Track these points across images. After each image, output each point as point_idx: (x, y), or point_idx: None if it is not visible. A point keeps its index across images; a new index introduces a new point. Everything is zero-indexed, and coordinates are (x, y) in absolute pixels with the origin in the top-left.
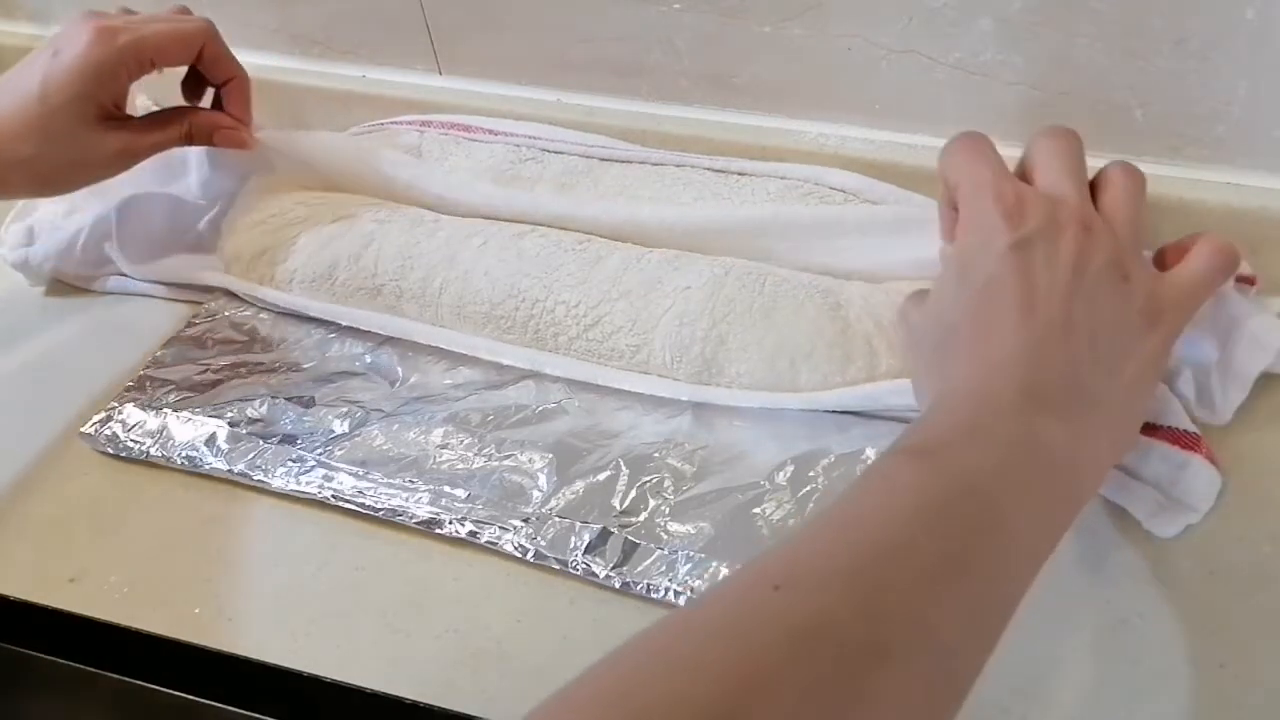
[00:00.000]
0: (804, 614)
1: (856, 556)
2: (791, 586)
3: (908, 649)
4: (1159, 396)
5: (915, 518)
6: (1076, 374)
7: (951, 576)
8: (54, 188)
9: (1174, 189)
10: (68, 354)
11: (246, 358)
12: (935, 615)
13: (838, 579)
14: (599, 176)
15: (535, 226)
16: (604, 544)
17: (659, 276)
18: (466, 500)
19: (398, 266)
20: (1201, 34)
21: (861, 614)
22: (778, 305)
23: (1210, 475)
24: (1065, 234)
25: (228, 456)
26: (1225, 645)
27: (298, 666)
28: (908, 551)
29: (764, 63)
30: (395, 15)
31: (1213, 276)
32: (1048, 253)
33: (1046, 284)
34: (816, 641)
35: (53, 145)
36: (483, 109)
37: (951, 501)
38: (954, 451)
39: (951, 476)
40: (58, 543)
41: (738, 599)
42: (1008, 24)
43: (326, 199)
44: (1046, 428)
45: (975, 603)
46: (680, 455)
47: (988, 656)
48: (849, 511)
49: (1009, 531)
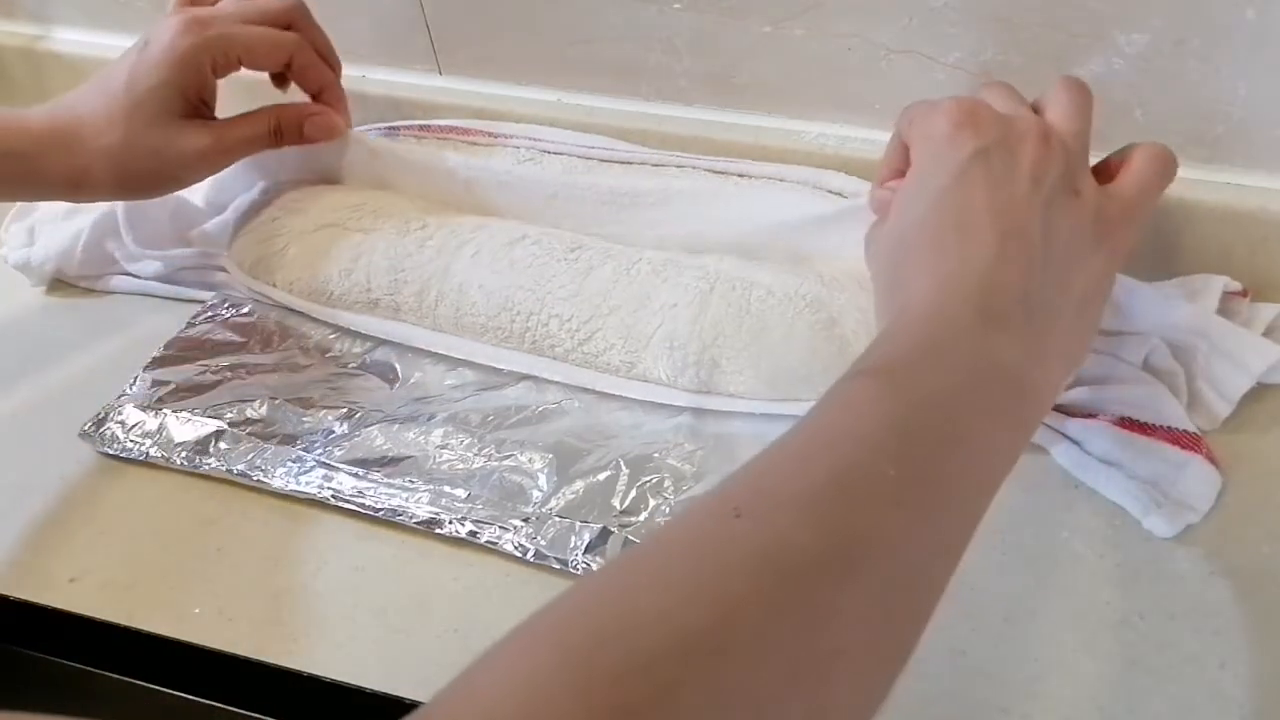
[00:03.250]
0: (766, 538)
1: (817, 480)
2: (753, 513)
3: (871, 567)
4: (1157, 395)
5: (875, 437)
6: (1030, 290)
7: (913, 495)
8: (138, 186)
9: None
10: (68, 354)
11: (246, 358)
12: (896, 533)
13: (798, 503)
14: (599, 178)
15: (526, 234)
16: (604, 543)
17: (647, 291)
18: (466, 500)
19: (390, 281)
20: (1201, 34)
21: (823, 535)
22: (767, 325)
23: (1210, 475)
24: (1024, 144)
25: (227, 457)
26: (1225, 645)
27: (298, 667)
28: (868, 472)
29: (764, 63)
30: (395, 15)
31: (1154, 185)
32: (1006, 163)
33: (1005, 196)
34: (779, 562)
35: (138, 136)
36: (483, 109)
37: (911, 420)
38: (913, 371)
39: (911, 396)
40: (58, 543)
41: (699, 525)
42: (1008, 24)
43: (307, 201)
44: (1002, 347)
45: (936, 520)
46: (680, 455)
47: (949, 575)
48: (810, 435)
49: (969, 449)
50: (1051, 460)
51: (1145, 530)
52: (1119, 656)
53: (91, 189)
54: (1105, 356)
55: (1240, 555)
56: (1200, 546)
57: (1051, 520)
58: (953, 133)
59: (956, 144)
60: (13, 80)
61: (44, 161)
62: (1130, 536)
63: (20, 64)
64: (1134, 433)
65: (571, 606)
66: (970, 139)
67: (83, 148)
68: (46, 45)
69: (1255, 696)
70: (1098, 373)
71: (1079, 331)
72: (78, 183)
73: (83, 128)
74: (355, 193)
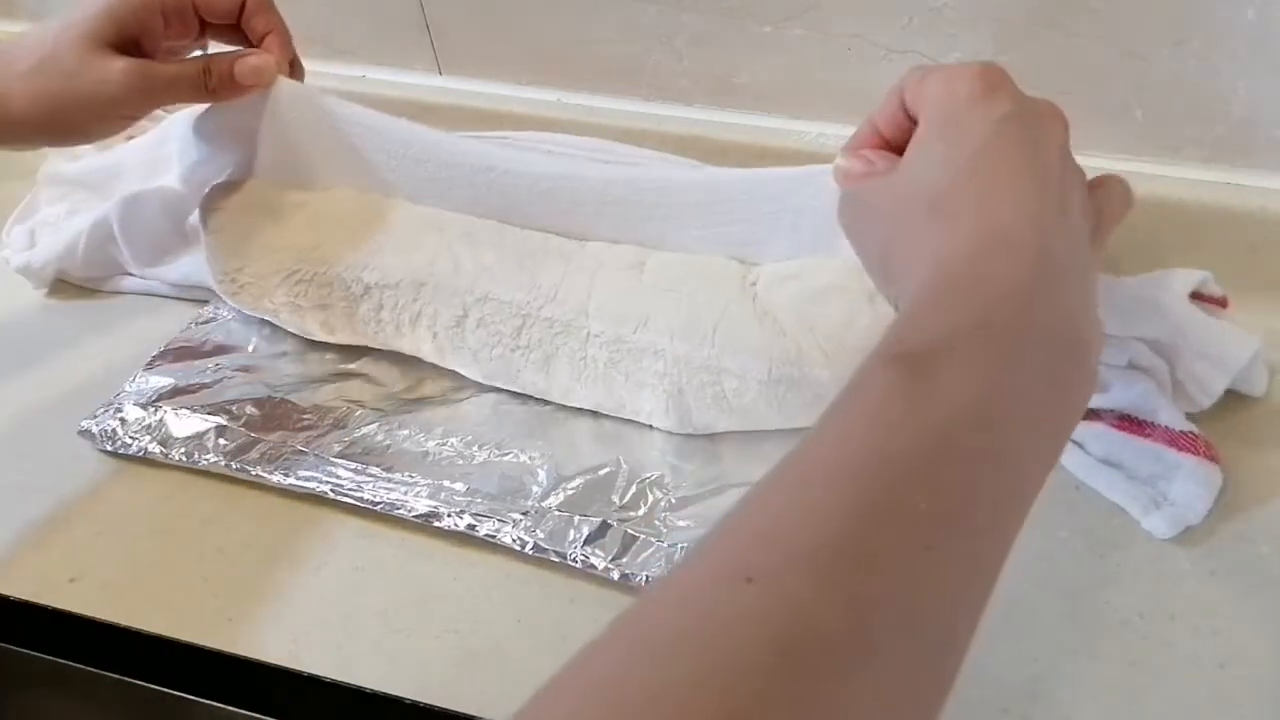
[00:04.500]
0: (779, 610)
1: (837, 526)
2: (765, 573)
3: (895, 642)
4: (1152, 394)
5: (905, 458)
6: (1074, 255)
7: (944, 534)
8: (58, 118)
9: (1174, 189)
10: (68, 354)
11: (246, 357)
12: (926, 592)
13: (816, 561)
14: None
15: (468, 314)
16: (603, 536)
17: (616, 393)
18: (466, 494)
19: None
20: (1201, 34)
21: (842, 605)
22: (752, 413)
23: (1209, 476)
24: (1053, 119)
25: (226, 452)
26: (1225, 645)
27: (298, 666)
28: (896, 507)
29: (764, 63)
30: (395, 15)
31: (1119, 213)
32: (1040, 131)
33: (1043, 158)
34: (793, 646)
35: (58, 58)
36: (483, 109)
37: (948, 433)
38: (957, 360)
39: (953, 400)
40: (58, 543)
41: (709, 594)
42: (1008, 24)
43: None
44: (1062, 309)
45: (968, 566)
46: (681, 453)
47: (978, 623)
48: (830, 453)
49: (1013, 463)
50: None
51: (1145, 530)
52: (1119, 656)
53: (10, 123)
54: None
55: (1240, 555)
56: (1200, 546)
57: (1051, 520)
58: (985, 95)
59: (990, 105)
60: None
61: None
62: (1130, 536)
63: None
64: (1133, 434)
65: (570, 684)
66: (1005, 101)
67: (2, 74)
68: None
69: (1255, 696)
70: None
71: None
72: None
73: (6, 55)
74: (311, 230)
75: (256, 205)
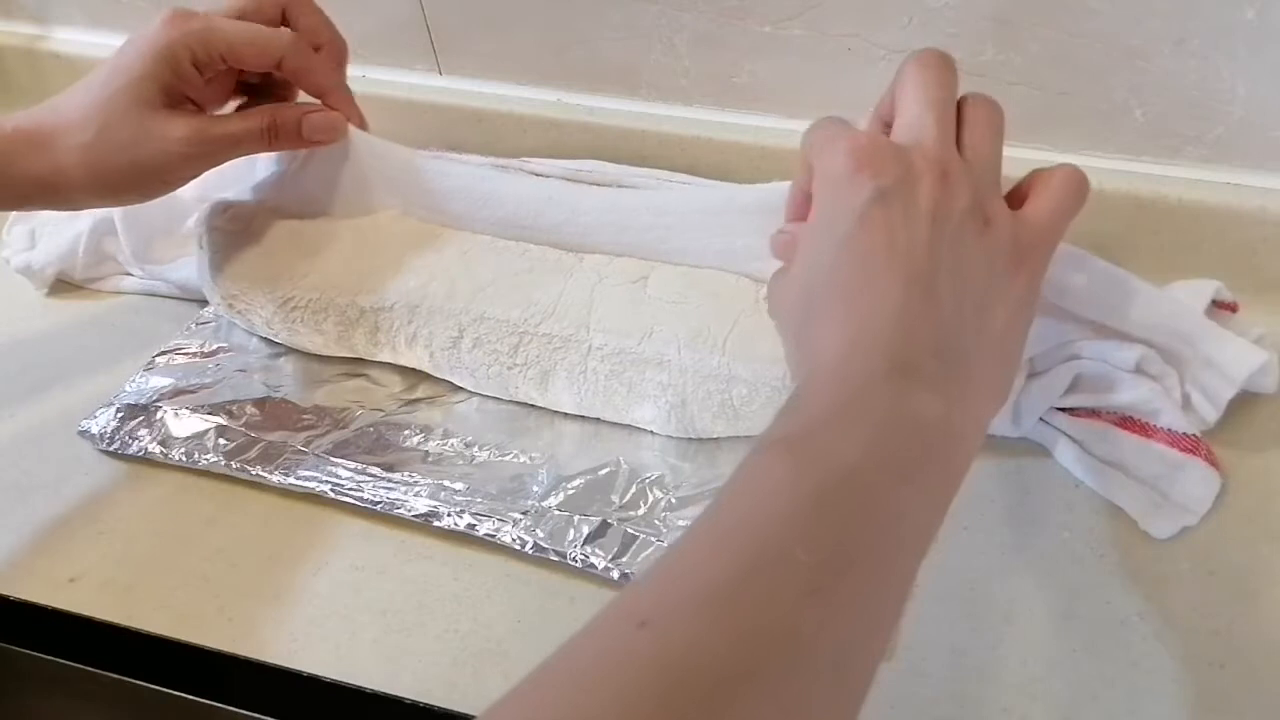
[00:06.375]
0: (670, 649)
1: (723, 573)
2: (657, 619)
3: (785, 667)
4: (1155, 396)
5: (784, 517)
6: (945, 334)
7: (828, 579)
8: (116, 184)
9: (1174, 189)
10: (68, 354)
11: (246, 358)
12: (812, 625)
13: (703, 604)
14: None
15: (479, 317)
16: (603, 535)
17: (616, 403)
18: (466, 494)
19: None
20: (1201, 34)
21: (730, 639)
22: (754, 419)
23: (1209, 477)
24: (922, 183)
25: (226, 453)
26: (1225, 645)
27: (298, 666)
28: (778, 558)
29: (764, 63)
30: (395, 15)
31: (1067, 209)
32: (906, 204)
33: (906, 239)
34: (685, 677)
35: (112, 130)
36: (483, 109)
37: (826, 498)
38: (825, 438)
39: (824, 468)
40: (58, 543)
41: (604, 638)
42: (1008, 24)
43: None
44: (920, 400)
45: (856, 600)
46: (680, 452)
47: (882, 647)
48: (718, 524)
49: (891, 516)
50: (1052, 460)
51: (1145, 530)
52: (1119, 656)
53: (69, 190)
54: (1101, 361)
55: (1239, 555)
56: (1200, 547)
57: (1051, 520)
58: (852, 174)
59: (855, 186)
60: (13, 80)
61: (13, 162)
62: (1130, 536)
63: (20, 64)
64: (1134, 434)
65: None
66: (869, 180)
67: (56, 146)
68: (46, 45)
69: (1255, 697)
70: (1098, 374)
71: (1002, 364)
72: (53, 184)
73: (57, 126)
74: (305, 256)
75: (253, 231)
